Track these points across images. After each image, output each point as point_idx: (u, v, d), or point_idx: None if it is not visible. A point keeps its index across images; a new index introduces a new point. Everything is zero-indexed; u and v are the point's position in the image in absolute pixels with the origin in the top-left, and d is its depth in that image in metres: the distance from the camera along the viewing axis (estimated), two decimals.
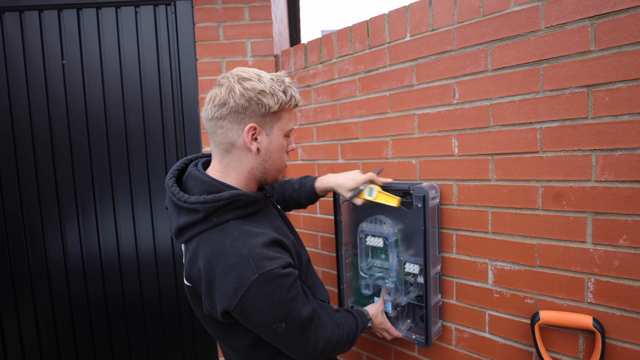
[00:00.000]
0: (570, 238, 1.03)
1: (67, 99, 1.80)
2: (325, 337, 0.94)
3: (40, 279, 1.85)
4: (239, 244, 0.81)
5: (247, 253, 0.80)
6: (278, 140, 0.93)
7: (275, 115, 0.90)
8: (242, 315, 0.81)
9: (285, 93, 0.90)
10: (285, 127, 0.94)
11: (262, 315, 0.80)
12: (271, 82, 0.88)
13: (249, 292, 0.78)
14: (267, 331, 0.83)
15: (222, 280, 0.80)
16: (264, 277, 0.78)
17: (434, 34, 1.24)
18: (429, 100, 1.28)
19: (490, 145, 1.15)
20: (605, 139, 0.96)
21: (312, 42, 1.66)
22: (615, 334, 0.98)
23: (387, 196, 1.19)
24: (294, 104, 0.94)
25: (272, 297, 0.79)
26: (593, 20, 0.95)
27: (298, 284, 0.87)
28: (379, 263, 1.36)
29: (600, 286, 1.00)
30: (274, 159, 0.94)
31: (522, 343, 1.14)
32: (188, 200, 0.85)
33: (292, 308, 0.82)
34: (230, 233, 0.83)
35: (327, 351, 0.96)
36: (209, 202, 0.84)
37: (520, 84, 1.08)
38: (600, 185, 0.97)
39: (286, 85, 0.91)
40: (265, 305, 0.79)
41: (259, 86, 0.86)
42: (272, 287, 0.79)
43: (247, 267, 0.79)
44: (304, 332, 0.87)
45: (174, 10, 1.78)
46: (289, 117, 0.95)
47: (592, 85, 0.97)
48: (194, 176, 0.90)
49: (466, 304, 1.26)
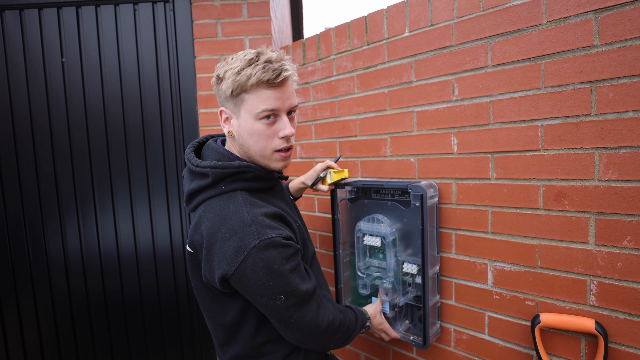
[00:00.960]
0: (572, 239, 1.00)
1: (66, 96, 1.80)
2: (329, 318, 0.93)
3: (41, 276, 1.85)
4: (242, 210, 0.83)
5: (250, 219, 0.81)
6: (247, 124, 0.87)
7: (237, 98, 0.86)
8: (240, 283, 0.80)
9: (240, 74, 0.83)
10: (253, 109, 0.85)
11: (260, 285, 0.79)
12: (232, 64, 0.85)
13: (249, 258, 0.78)
14: (267, 303, 0.82)
15: (222, 244, 0.80)
16: (264, 243, 0.79)
17: (433, 29, 1.21)
18: (428, 97, 1.25)
19: (490, 143, 1.12)
20: (608, 137, 0.92)
21: (311, 39, 1.63)
22: (619, 338, 0.95)
23: (339, 172, 1.33)
24: (255, 82, 0.83)
25: (272, 265, 0.79)
26: (597, 14, 0.92)
27: (299, 257, 0.87)
28: (376, 263, 1.33)
29: (603, 288, 0.96)
30: (248, 144, 0.89)
31: (522, 346, 1.11)
32: (200, 165, 0.89)
33: (291, 279, 0.82)
34: (236, 200, 0.85)
35: (329, 334, 0.94)
36: (218, 168, 0.87)
37: (521, 80, 1.04)
38: (603, 184, 0.94)
39: (245, 64, 0.83)
40: (264, 274, 0.78)
41: (218, 71, 0.89)
42: (272, 254, 0.79)
43: (249, 233, 0.79)
44: (303, 307, 0.86)
45: (172, 7, 1.76)
46: (256, 99, 0.85)
47: (595, 81, 0.93)
48: (211, 147, 0.95)
49: (465, 305, 1.23)
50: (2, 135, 1.79)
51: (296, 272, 0.84)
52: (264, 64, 0.83)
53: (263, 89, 0.84)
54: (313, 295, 0.89)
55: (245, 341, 0.93)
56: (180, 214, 1.86)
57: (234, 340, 0.94)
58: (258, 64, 0.83)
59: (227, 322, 0.93)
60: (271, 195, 0.96)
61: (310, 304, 0.88)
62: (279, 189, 1.02)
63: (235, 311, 0.91)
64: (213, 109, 1.78)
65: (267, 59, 0.84)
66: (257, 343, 0.93)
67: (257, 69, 0.82)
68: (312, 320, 0.88)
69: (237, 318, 0.91)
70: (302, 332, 0.88)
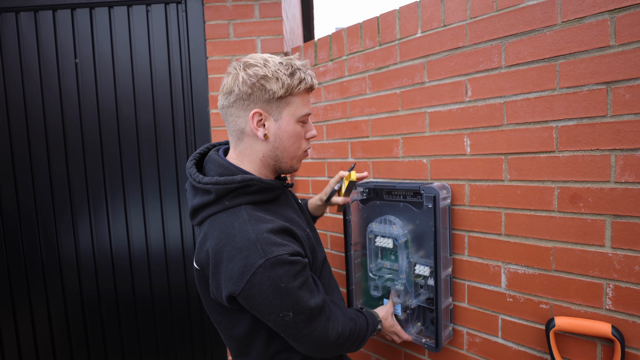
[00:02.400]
0: (587, 241, 1.01)
1: (79, 97, 1.86)
2: (338, 330, 0.94)
3: (53, 275, 1.91)
4: (247, 227, 0.82)
5: (255, 237, 0.81)
6: (288, 126, 0.91)
7: (282, 100, 0.89)
8: (248, 301, 0.82)
9: (292, 76, 0.87)
10: (297, 113, 0.91)
11: (268, 303, 0.80)
12: (277, 66, 0.87)
13: (255, 277, 0.79)
14: (275, 320, 0.83)
15: (228, 263, 0.81)
16: (270, 262, 0.79)
17: (446, 29, 1.23)
18: (441, 98, 1.27)
19: (503, 144, 1.14)
20: (625, 138, 0.93)
21: (322, 39, 1.66)
22: (636, 342, 0.96)
23: (347, 177, 1.25)
24: (304, 88, 0.90)
25: (279, 284, 0.80)
26: (613, 14, 0.93)
27: (307, 272, 0.87)
28: (388, 264, 1.36)
29: (619, 292, 0.97)
30: (285, 146, 0.92)
31: (536, 350, 1.13)
32: (202, 181, 0.88)
33: (299, 296, 0.82)
34: (240, 216, 0.85)
35: (338, 345, 0.95)
36: (220, 184, 0.86)
37: (536, 81, 1.06)
38: (620, 186, 0.95)
39: (295, 68, 0.88)
40: (271, 292, 0.80)
41: (262, 71, 0.86)
42: (279, 273, 0.80)
43: (254, 251, 0.79)
44: (312, 323, 0.87)
45: (184, 8, 1.81)
46: (300, 102, 0.91)
47: (611, 82, 0.94)
48: (212, 159, 0.94)
49: (478, 307, 1.25)
50: (16, 135, 1.85)
51: (304, 287, 0.85)
52: (307, 70, 0.91)
53: (306, 93, 0.93)
54: (322, 309, 0.90)
55: (259, 352, 0.95)
56: None
57: (247, 352, 0.96)
58: (301, 70, 0.89)
59: (238, 335, 0.94)
60: (277, 204, 0.96)
61: (320, 318, 0.89)
62: (285, 197, 1.02)
63: (245, 325, 0.92)
64: None
65: (302, 65, 0.91)
66: (270, 353, 0.95)
67: (306, 75, 0.90)
68: (322, 333, 0.89)
69: (249, 331, 0.93)
70: (311, 345, 0.90)
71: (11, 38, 1.84)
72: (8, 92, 1.84)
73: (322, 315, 0.90)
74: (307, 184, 1.83)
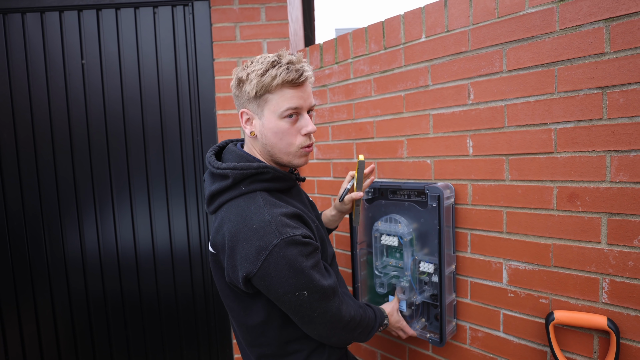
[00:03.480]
0: (584, 238, 1.08)
1: (86, 98, 1.91)
2: (350, 313, 1.01)
3: (59, 276, 1.96)
4: (263, 210, 0.89)
5: (271, 219, 0.88)
6: (271, 123, 0.95)
7: (260, 98, 0.94)
8: (263, 281, 0.87)
9: (263, 75, 0.91)
10: (277, 109, 0.94)
11: (284, 282, 0.86)
12: (255, 66, 0.93)
13: (271, 257, 0.84)
14: (290, 300, 0.88)
15: (245, 243, 0.87)
16: (285, 241, 0.85)
17: (449, 35, 1.31)
18: (444, 101, 1.35)
19: (505, 145, 1.21)
20: (619, 140, 1.01)
21: (328, 42, 1.73)
22: (630, 334, 1.03)
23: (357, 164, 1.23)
24: (278, 84, 0.91)
25: (294, 262, 0.86)
26: (607, 23, 1.00)
27: (318, 255, 0.94)
28: (393, 262, 1.43)
29: (614, 286, 1.05)
30: (272, 143, 0.97)
31: (536, 343, 1.20)
32: (220, 167, 0.96)
33: (313, 276, 0.89)
34: (256, 201, 0.92)
35: (350, 329, 1.02)
36: (237, 169, 0.94)
37: (535, 85, 1.13)
38: (614, 185, 1.02)
39: (269, 66, 0.91)
40: (287, 271, 0.85)
41: (240, 74, 0.96)
42: (293, 252, 0.86)
43: (270, 232, 0.86)
44: (326, 302, 0.93)
45: (191, 10, 1.88)
46: (280, 98, 0.93)
47: (606, 87, 1.02)
48: (231, 150, 1.03)
49: (481, 303, 1.32)
50: (22, 137, 1.90)
51: (317, 268, 0.92)
52: (287, 65, 0.92)
53: (287, 88, 0.93)
54: (335, 290, 0.96)
55: (271, 341, 1.01)
56: (198, 214, 1.97)
57: (260, 341, 1.02)
58: (281, 66, 0.92)
59: (251, 323, 1.00)
60: (289, 196, 1.04)
61: (333, 299, 0.95)
62: (297, 191, 1.10)
63: (259, 312, 0.98)
64: (231, 111, 1.89)
65: (289, 61, 0.93)
66: (282, 342, 1.01)
67: (281, 70, 0.91)
68: (335, 314, 0.96)
69: (262, 319, 0.98)
70: (325, 327, 0.96)
71: (17, 38, 1.89)
72: (14, 93, 1.90)
73: (335, 297, 0.96)
74: (313, 184, 1.90)
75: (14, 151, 1.91)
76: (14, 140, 1.90)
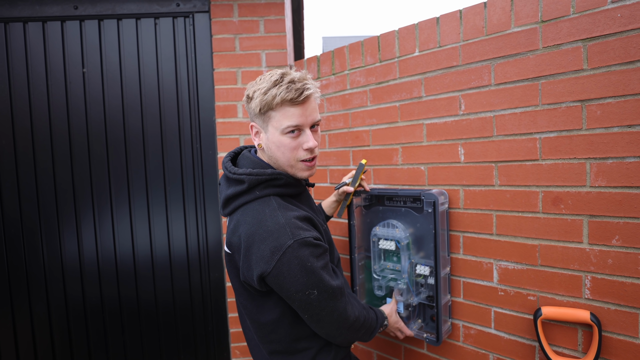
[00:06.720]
0: (568, 239, 1.18)
1: (86, 106, 1.95)
2: (355, 313, 1.09)
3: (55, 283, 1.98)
4: (277, 213, 0.97)
5: (284, 221, 0.95)
6: (274, 137, 1.03)
7: (264, 115, 1.02)
8: (277, 280, 0.94)
9: (266, 94, 0.98)
10: (279, 125, 1.01)
11: (296, 281, 0.93)
12: (260, 84, 1.00)
13: (285, 257, 0.92)
14: (301, 298, 0.95)
15: (260, 244, 0.94)
16: (298, 242, 0.93)
17: (441, 50, 1.41)
18: (437, 111, 1.45)
19: (494, 153, 1.31)
20: (598, 148, 1.12)
21: (325, 55, 1.83)
22: (611, 327, 1.13)
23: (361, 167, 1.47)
24: (278, 102, 0.97)
25: (306, 262, 0.93)
26: (585, 42, 1.12)
27: (327, 257, 1.02)
28: (391, 265, 1.51)
29: (596, 283, 1.15)
30: (276, 155, 1.05)
31: (525, 338, 1.29)
32: (236, 172, 1.04)
33: (323, 276, 0.96)
34: (270, 205, 1.00)
35: (355, 329, 1.10)
36: (253, 175, 1.02)
37: (521, 98, 1.24)
38: (594, 190, 1.13)
39: (271, 85, 0.98)
40: (299, 271, 0.93)
41: (248, 91, 1.05)
42: (305, 253, 0.93)
43: (284, 234, 0.93)
44: (334, 302, 1.01)
45: (192, 22, 1.95)
46: (282, 116, 1.00)
47: (585, 100, 1.13)
48: (246, 157, 1.12)
49: (473, 302, 1.41)
50: (20, 143, 1.93)
51: (326, 269, 0.99)
52: (288, 84, 0.98)
53: (287, 106, 0.99)
54: (342, 291, 1.04)
55: (282, 337, 1.07)
56: (197, 221, 2.02)
57: (271, 337, 1.08)
58: (282, 85, 0.97)
59: (263, 320, 1.07)
60: (299, 201, 1.12)
61: (340, 299, 1.03)
62: (306, 196, 1.19)
63: (271, 310, 1.05)
64: (230, 119, 1.96)
65: (290, 80, 0.99)
66: (292, 339, 1.07)
67: (282, 89, 0.97)
68: (342, 314, 1.04)
69: (274, 316, 1.05)
70: (332, 325, 1.03)
71: (19, 47, 1.93)
72: (13, 101, 1.93)
73: (342, 298, 1.04)
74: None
75: (12, 159, 1.93)
76: (13, 149, 1.93)
